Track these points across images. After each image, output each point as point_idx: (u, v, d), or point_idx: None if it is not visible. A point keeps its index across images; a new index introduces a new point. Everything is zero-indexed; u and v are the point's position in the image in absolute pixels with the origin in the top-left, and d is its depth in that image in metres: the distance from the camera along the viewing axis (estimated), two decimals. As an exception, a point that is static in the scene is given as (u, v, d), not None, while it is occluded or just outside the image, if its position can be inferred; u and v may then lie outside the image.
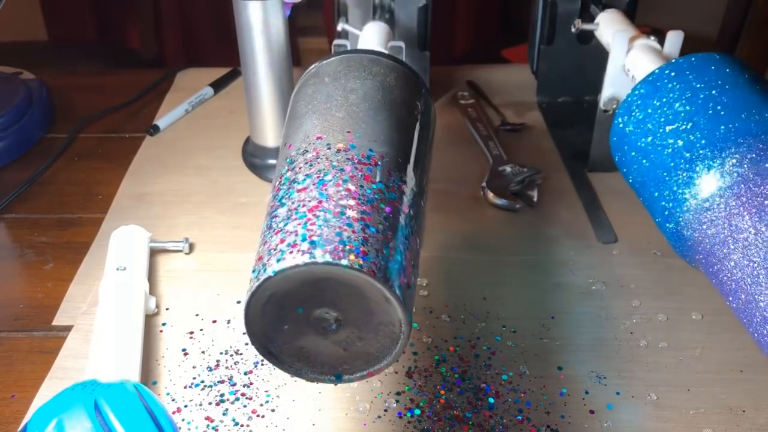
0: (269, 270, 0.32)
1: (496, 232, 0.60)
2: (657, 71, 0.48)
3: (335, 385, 0.36)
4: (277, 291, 0.32)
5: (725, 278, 0.40)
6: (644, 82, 0.48)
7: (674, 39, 0.54)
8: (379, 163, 0.37)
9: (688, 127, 0.44)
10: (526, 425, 0.44)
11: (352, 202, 0.34)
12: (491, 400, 0.45)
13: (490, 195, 0.62)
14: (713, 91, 0.44)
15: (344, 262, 0.31)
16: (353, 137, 0.37)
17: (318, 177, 0.35)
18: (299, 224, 0.33)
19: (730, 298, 0.40)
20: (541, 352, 0.49)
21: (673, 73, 0.47)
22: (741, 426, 0.44)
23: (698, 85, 0.45)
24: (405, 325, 0.33)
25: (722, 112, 0.43)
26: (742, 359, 0.48)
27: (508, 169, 0.65)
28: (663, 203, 0.45)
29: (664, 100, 0.46)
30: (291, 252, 0.32)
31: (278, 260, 0.32)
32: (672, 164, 0.44)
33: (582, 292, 0.53)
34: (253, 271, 0.33)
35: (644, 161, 0.47)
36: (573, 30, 0.65)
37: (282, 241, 0.32)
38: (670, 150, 0.45)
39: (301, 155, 0.37)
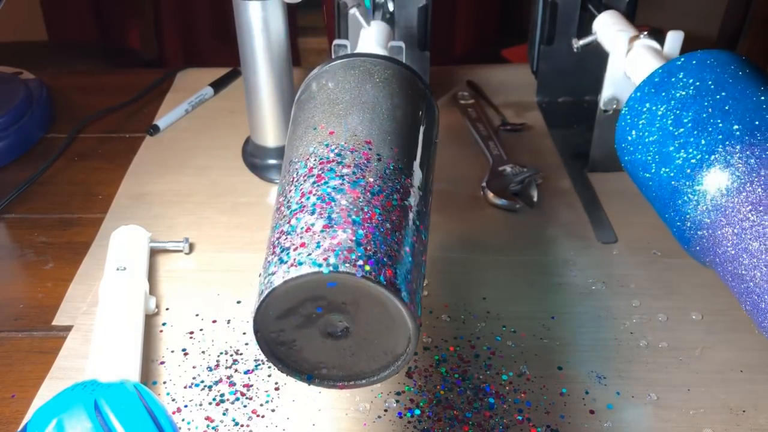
0: (324, 267, 0.31)
1: (496, 232, 0.60)
2: (636, 93, 0.48)
3: (304, 383, 0.36)
4: (315, 286, 0.32)
5: (737, 278, 0.40)
6: (628, 103, 0.49)
7: (674, 39, 0.54)
8: (420, 193, 0.37)
9: (678, 139, 0.44)
10: (526, 425, 0.44)
11: (400, 225, 0.34)
12: (491, 400, 0.45)
13: (490, 195, 0.62)
14: (689, 101, 0.45)
15: (397, 289, 0.31)
16: (399, 157, 0.38)
17: (371, 186, 0.35)
18: (352, 230, 0.32)
19: (743, 298, 0.40)
20: (541, 352, 0.49)
21: (653, 90, 0.47)
22: (741, 426, 0.44)
23: (679, 94, 0.45)
24: (402, 360, 0.34)
25: (694, 120, 0.43)
26: (742, 359, 0.48)
27: (508, 169, 0.65)
28: (672, 212, 0.45)
29: (645, 120, 0.47)
30: (347, 257, 0.31)
31: (333, 261, 0.31)
32: (673, 182, 0.44)
33: (582, 292, 0.53)
34: (286, 251, 0.33)
35: (647, 171, 0.47)
36: (575, 49, 0.64)
37: (338, 242, 0.32)
38: (669, 157, 0.45)
39: (350, 153, 0.37)
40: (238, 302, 0.53)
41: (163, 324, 0.51)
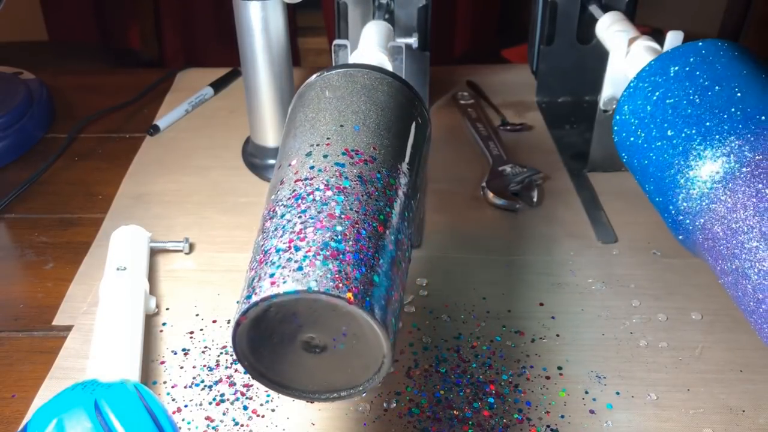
0: (304, 286, 0.31)
1: (496, 232, 0.60)
2: (635, 79, 0.48)
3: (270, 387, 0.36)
4: (295, 305, 0.32)
5: (726, 268, 0.40)
6: (629, 87, 0.48)
7: (674, 39, 0.54)
8: (408, 208, 0.37)
9: (677, 126, 0.44)
10: (526, 425, 0.44)
11: (384, 243, 0.34)
12: (491, 400, 0.45)
13: (490, 195, 0.62)
14: (694, 85, 0.45)
15: (373, 313, 0.31)
16: (389, 168, 0.38)
17: (358, 200, 0.35)
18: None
19: (732, 288, 0.40)
20: (541, 352, 0.49)
21: (654, 75, 0.47)
22: (741, 426, 0.44)
23: (675, 83, 0.46)
24: (375, 379, 0.34)
25: (704, 104, 0.43)
26: (741, 359, 0.48)
27: (508, 169, 0.65)
28: (665, 198, 0.45)
29: (649, 102, 0.47)
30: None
31: (314, 282, 0.31)
32: (668, 164, 0.44)
33: (582, 292, 0.53)
34: (266, 268, 0.32)
35: (643, 160, 0.47)
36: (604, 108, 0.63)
37: (320, 263, 0.32)
38: (665, 146, 0.45)
39: (339, 164, 0.36)
40: (238, 302, 0.53)
41: (163, 324, 0.51)
